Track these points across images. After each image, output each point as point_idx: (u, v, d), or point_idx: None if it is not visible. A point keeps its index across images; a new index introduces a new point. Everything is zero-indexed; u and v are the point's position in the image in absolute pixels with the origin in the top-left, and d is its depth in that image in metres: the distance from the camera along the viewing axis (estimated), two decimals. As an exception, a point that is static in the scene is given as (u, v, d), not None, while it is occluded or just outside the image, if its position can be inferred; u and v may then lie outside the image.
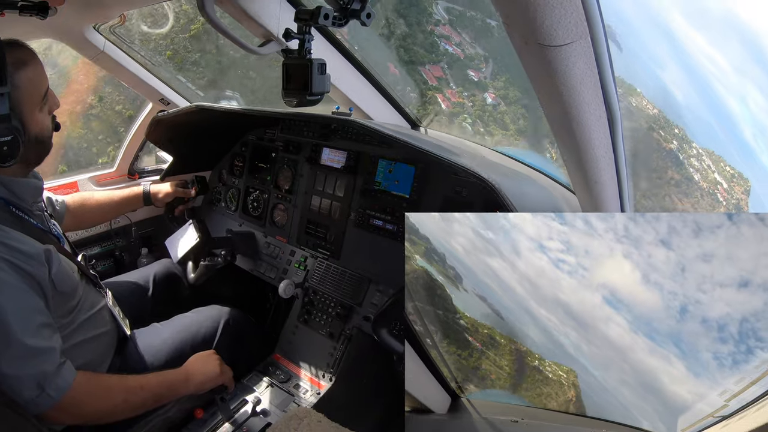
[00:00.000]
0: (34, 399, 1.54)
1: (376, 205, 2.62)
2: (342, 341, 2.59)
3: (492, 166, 2.29)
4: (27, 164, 1.74)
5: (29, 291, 1.57)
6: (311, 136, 2.90)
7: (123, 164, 3.46)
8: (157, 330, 2.33)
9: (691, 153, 7.22)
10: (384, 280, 2.56)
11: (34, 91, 1.65)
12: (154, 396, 1.88)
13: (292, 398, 2.45)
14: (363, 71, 2.80)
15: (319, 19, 1.52)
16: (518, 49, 1.15)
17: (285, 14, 2.09)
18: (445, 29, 8.68)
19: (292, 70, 1.66)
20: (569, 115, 1.28)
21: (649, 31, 7.91)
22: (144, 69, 3.10)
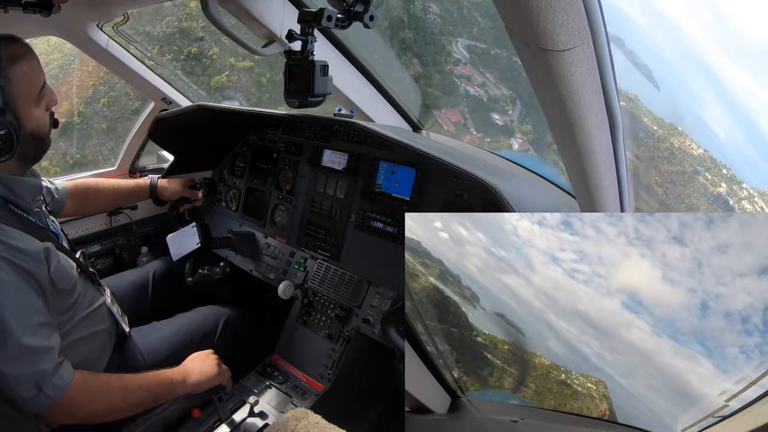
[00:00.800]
0: (31, 398, 1.53)
1: (377, 207, 2.62)
2: (341, 343, 2.59)
3: (492, 169, 2.29)
4: (24, 161, 1.73)
5: (28, 290, 1.57)
6: (313, 137, 2.90)
7: (124, 162, 3.46)
8: (157, 328, 2.33)
9: (742, 195, 6.96)
10: (384, 283, 2.56)
11: (29, 85, 1.64)
12: (152, 395, 1.88)
13: (290, 399, 2.44)
14: (365, 73, 2.81)
15: (323, 21, 1.52)
16: (521, 53, 1.15)
17: (288, 15, 2.09)
18: (466, 69, 8.12)
19: (295, 72, 1.67)
20: (571, 119, 1.28)
21: (687, 67, 8.01)
22: (146, 68, 3.10)
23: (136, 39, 2.89)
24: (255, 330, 2.71)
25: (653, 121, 10.69)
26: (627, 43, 5.50)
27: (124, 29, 2.74)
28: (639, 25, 5.28)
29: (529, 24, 0.94)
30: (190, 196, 3.00)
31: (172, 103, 3.29)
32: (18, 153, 1.63)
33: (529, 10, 0.89)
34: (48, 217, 1.95)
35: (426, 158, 2.05)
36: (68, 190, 2.41)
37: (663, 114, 6.77)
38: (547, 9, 0.88)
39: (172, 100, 3.29)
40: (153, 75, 3.16)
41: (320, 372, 2.59)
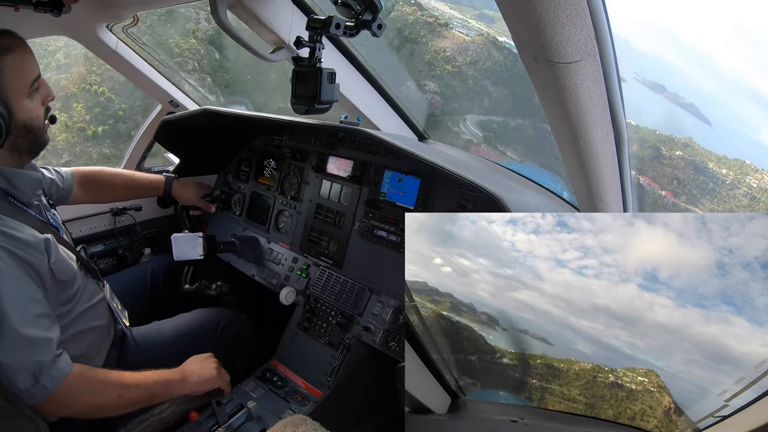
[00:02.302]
0: (28, 389, 1.54)
1: (381, 215, 2.62)
2: (341, 350, 2.58)
3: (497, 180, 2.29)
4: (18, 153, 1.73)
5: (28, 280, 1.58)
6: (318, 144, 2.91)
7: (130, 164, 3.48)
8: (158, 327, 2.33)
9: None
10: (385, 291, 2.56)
11: (19, 77, 1.65)
12: (149, 394, 1.88)
13: (289, 405, 2.43)
14: (372, 82, 2.82)
15: (331, 29, 1.53)
16: (528, 66, 1.15)
17: (297, 22, 2.11)
18: (480, 150, 7.20)
19: (302, 78, 1.68)
20: (576, 132, 1.28)
21: (734, 97, 7.98)
22: (155, 71, 3.13)
23: (145, 42, 2.90)
24: (255, 334, 2.70)
25: (718, 163, 10.29)
26: (669, 87, 5.39)
27: (134, 31, 2.76)
28: (677, 67, 5.29)
29: (537, 36, 0.95)
30: (204, 208, 3.01)
31: (179, 106, 3.31)
32: (10, 144, 1.65)
33: (537, 22, 0.90)
34: (49, 210, 1.96)
35: (431, 168, 2.05)
36: (75, 176, 2.41)
37: (724, 150, 6.60)
38: (554, 22, 0.89)
39: (180, 103, 3.30)
40: (161, 78, 3.18)
41: (320, 379, 2.58)
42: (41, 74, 1.75)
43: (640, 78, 11.92)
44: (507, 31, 1.05)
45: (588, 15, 0.92)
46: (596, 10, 0.94)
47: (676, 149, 12.12)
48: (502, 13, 1.01)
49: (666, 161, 12.05)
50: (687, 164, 11.86)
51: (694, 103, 5.19)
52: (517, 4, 0.93)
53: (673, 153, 12.09)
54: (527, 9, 0.90)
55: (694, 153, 11.87)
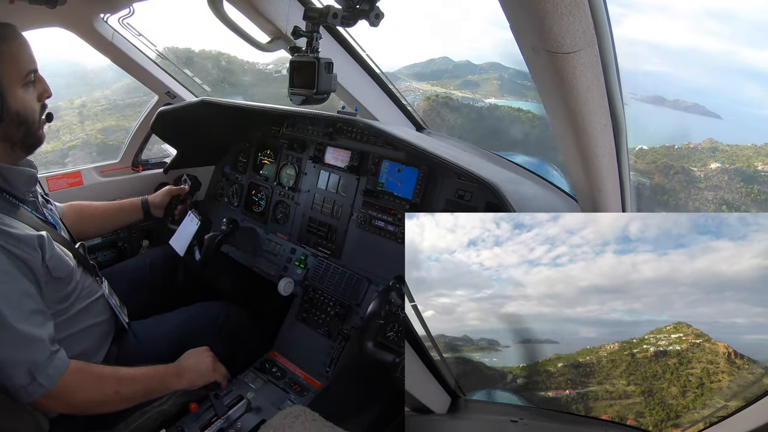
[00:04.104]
0: (25, 387, 1.54)
1: (379, 205, 2.62)
2: (339, 341, 2.59)
3: (496, 171, 2.29)
4: (12, 145, 1.72)
5: (20, 276, 1.58)
6: (316, 134, 2.90)
7: (127, 155, 3.46)
8: (157, 322, 2.34)
9: None
10: (384, 281, 2.56)
11: (13, 65, 1.64)
12: (145, 388, 1.89)
13: (288, 395, 2.44)
14: (370, 72, 2.81)
15: (328, 18, 1.53)
16: (527, 56, 1.15)
17: (294, 12, 2.09)
18: None
19: (299, 68, 1.67)
20: (575, 122, 1.28)
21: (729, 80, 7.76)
22: (151, 62, 3.11)
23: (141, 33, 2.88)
24: (254, 326, 2.71)
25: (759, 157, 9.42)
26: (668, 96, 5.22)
27: (130, 22, 2.74)
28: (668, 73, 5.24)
29: (535, 26, 0.94)
30: (179, 192, 2.95)
31: (176, 98, 3.30)
32: (2, 134, 1.65)
33: (535, 12, 0.90)
34: (45, 206, 1.95)
35: (429, 158, 2.05)
36: (64, 210, 2.39)
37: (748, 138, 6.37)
38: (553, 11, 0.88)
39: (176, 94, 3.29)
40: (158, 69, 3.17)
41: (318, 369, 2.59)
42: (38, 70, 1.73)
43: (638, 96, 11.54)
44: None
45: (587, 5, 0.92)
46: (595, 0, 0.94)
47: (707, 161, 10.70)
48: (500, 2, 1.00)
49: (703, 183, 10.52)
50: (731, 176, 10.40)
51: (697, 103, 5.13)
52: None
53: (708, 168, 10.61)
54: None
55: (727, 156, 10.56)
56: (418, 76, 13.21)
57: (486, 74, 13.86)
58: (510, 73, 13.43)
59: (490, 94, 13.14)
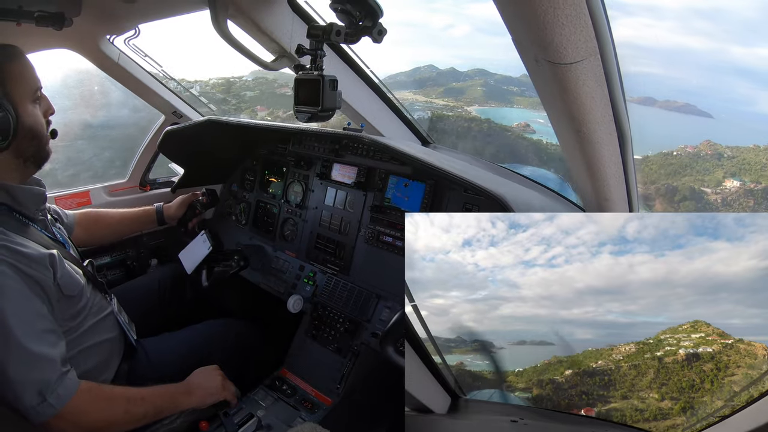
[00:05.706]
0: (35, 407, 1.53)
1: (386, 221, 2.62)
2: (350, 357, 2.57)
3: (502, 183, 2.28)
4: (24, 160, 1.74)
5: (32, 295, 1.58)
6: (322, 151, 2.92)
7: (135, 175, 3.49)
8: (166, 339, 2.34)
9: None
10: (393, 297, 2.55)
11: (23, 82, 1.68)
12: (155, 408, 1.88)
13: (299, 413, 2.42)
14: (375, 88, 2.83)
15: (331, 36, 1.54)
16: (529, 67, 1.15)
17: (298, 30, 2.11)
18: None
19: (304, 86, 1.68)
20: (580, 132, 1.28)
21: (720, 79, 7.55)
22: (158, 82, 3.14)
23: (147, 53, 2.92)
24: (264, 344, 2.70)
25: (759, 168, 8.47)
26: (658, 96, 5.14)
27: (136, 43, 2.77)
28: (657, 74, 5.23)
29: (537, 37, 0.95)
30: (193, 198, 2.98)
31: (183, 117, 3.33)
32: (15, 149, 1.67)
33: (536, 23, 0.90)
34: (54, 225, 1.97)
35: (435, 172, 2.05)
36: (76, 218, 2.45)
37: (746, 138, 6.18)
38: (554, 22, 0.89)
39: (183, 113, 3.32)
40: (164, 89, 3.20)
41: (329, 386, 2.57)
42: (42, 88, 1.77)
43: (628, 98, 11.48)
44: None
45: (587, 15, 0.92)
46: (596, 10, 0.94)
47: (717, 174, 8.86)
48: (501, 14, 1.01)
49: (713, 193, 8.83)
50: (758, 200, 8.39)
51: (689, 102, 5.04)
52: (516, 5, 0.93)
53: (724, 188, 8.70)
54: (526, 10, 0.90)
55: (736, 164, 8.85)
56: (400, 84, 13.04)
57: (471, 81, 13.61)
58: (496, 79, 13.22)
59: (474, 102, 12.95)
